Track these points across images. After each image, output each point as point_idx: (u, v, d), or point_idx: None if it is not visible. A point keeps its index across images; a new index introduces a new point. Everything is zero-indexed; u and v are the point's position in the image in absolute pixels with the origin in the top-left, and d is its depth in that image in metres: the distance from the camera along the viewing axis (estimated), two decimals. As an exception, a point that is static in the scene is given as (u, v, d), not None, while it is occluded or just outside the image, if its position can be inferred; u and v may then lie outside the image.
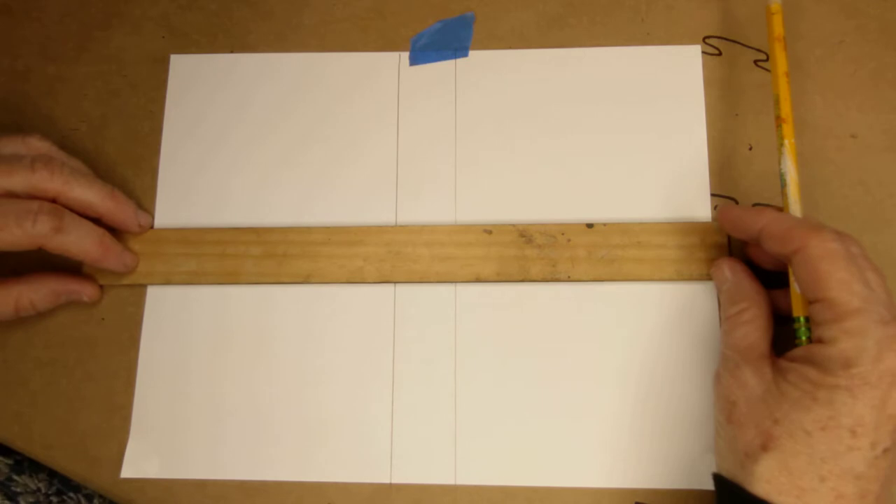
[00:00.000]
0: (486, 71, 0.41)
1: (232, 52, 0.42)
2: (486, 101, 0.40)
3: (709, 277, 0.36)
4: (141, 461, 0.36)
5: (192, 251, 0.38)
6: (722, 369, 0.32)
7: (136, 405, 0.37)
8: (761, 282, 0.33)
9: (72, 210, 0.35)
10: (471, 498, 0.35)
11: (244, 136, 0.40)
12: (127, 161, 0.41)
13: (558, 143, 0.39)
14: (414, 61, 0.41)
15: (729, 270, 0.34)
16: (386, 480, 0.36)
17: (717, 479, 0.30)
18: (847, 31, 0.40)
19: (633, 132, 0.39)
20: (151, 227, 0.39)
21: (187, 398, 0.37)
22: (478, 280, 0.37)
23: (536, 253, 0.37)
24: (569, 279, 0.37)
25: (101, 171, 0.40)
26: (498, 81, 0.41)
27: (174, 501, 0.36)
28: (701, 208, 0.38)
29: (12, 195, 0.33)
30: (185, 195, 0.40)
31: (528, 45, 0.41)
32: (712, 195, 0.38)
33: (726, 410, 0.30)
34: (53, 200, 0.34)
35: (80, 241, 0.35)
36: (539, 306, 0.37)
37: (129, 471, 0.36)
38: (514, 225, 0.38)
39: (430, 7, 0.42)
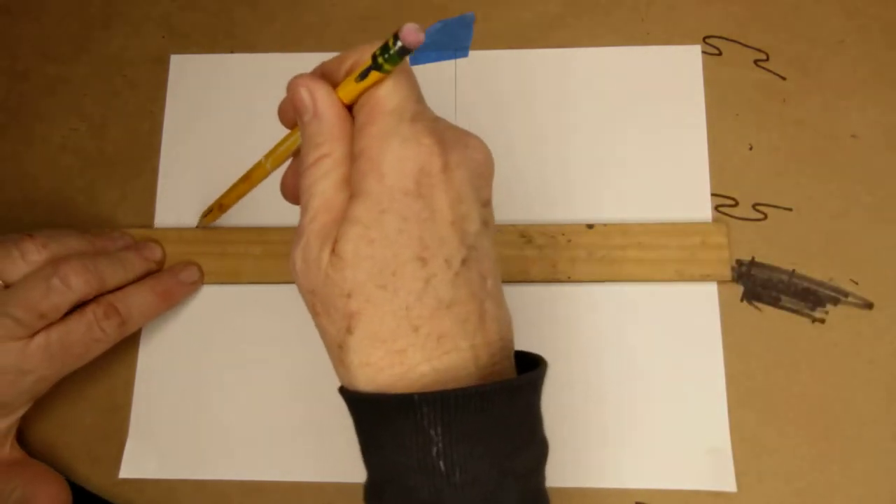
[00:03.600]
0: (486, 71, 0.40)
1: (232, 52, 0.42)
2: (486, 101, 0.40)
3: (710, 278, 0.36)
4: (140, 461, 0.36)
5: (192, 251, 0.38)
6: (293, 248, 0.24)
7: (136, 405, 0.37)
8: None
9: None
10: (471, 498, 0.35)
11: (244, 135, 0.40)
12: (127, 161, 0.41)
13: (558, 143, 0.39)
14: (414, 61, 0.41)
15: (308, 94, 0.24)
16: (386, 480, 0.35)
17: (342, 392, 0.25)
18: (847, 31, 0.40)
19: (633, 132, 0.39)
20: (162, 259, 0.38)
21: (187, 398, 0.37)
22: (478, 280, 0.37)
23: (536, 253, 0.37)
24: (569, 280, 0.37)
25: (101, 172, 0.40)
26: (498, 81, 0.40)
27: (174, 501, 0.36)
28: (701, 208, 0.38)
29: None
30: (185, 195, 0.40)
31: (528, 45, 0.41)
32: (712, 195, 0.38)
33: (309, 302, 0.24)
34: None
35: (143, 313, 0.35)
36: (539, 307, 0.37)
37: (127, 471, 0.36)
38: (514, 225, 0.38)
39: (430, 7, 0.42)
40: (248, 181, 0.32)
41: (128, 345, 0.37)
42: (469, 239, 0.23)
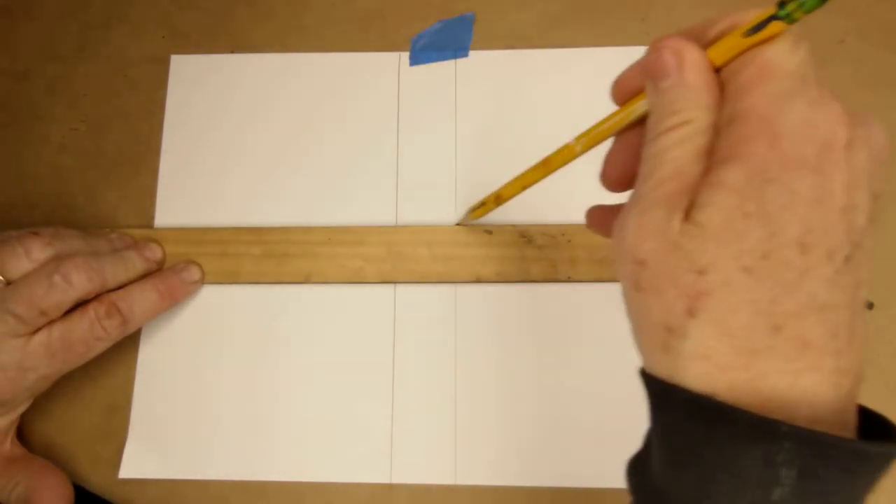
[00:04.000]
0: (486, 71, 0.40)
1: (232, 52, 0.42)
2: (486, 101, 0.40)
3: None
4: (139, 461, 0.36)
5: (192, 251, 0.38)
6: (625, 216, 0.21)
7: (136, 405, 0.37)
8: None
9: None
10: (471, 498, 0.35)
11: (244, 136, 0.40)
12: (127, 161, 0.41)
13: (559, 144, 0.39)
14: (414, 61, 0.41)
15: (674, 56, 0.21)
16: (386, 480, 0.35)
17: (643, 376, 0.22)
18: (847, 31, 0.40)
19: (634, 132, 0.39)
20: (163, 259, 0.38)
21: (186, 398, 0.37)
22: (478, 280, 0.37)
23: (537, 253, 0.37)
24: (569, 280, 0.37)
25: (101, 172, 0.40)
26: (498, 81, 0.40)
27: (174, 501, 0.36)
28: (701, 208, 0.38)
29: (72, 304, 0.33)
30: (185, 195, 0.40)
31: (528, 45, 0.41)
32: (712, 195, 0.38)
33: (633, 275, 0.21)
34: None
35: (145, 312, 0.35)
36: (539, 307, 0.37)
37: (127, 471, 0.36)
38: (514, 225, 0.38)
39: (430, 7, 0.42)
40: (546, 167, 0.29)
41: (128, 345, 0.37)
42: (855, 234, 0.19)
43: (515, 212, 0.38)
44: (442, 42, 0.41)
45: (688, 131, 0.20)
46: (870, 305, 0.36)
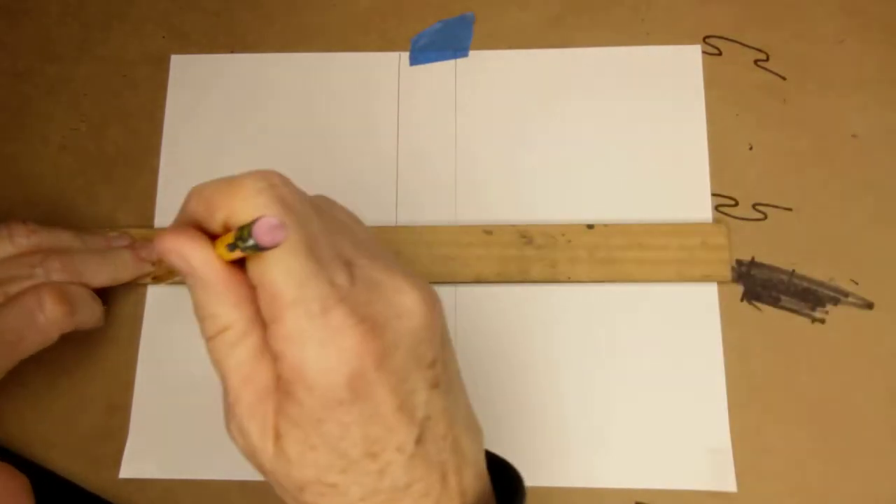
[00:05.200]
0: (486, 71, 0.40)
1: (232, 52, 0.42)
2: (486, 101, 0.40)
3: (710, 278, 0.36)
4: (140, 461, 0.36)
5: (192, 251, 0.38)
6: (227, 423, 0.22)
7: (136, 405, 0.37)
8: None
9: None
10: (471, 498, 0.35)
11: (244, 135, 0.40)
12: (127, 161, 0.41)
13: (558, 144, 0.39)
14: (414, 61, 0.41)
15: (182, 261, 0.21)
16: (386, 480, 0.35)
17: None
18: (848, 31, 0.40)
19: (634, 132, 0.39)
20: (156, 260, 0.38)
21: (187, 398, 0.37)
22: (478, 280, 0.37)
23: (536, 254, 0.37)
24: (569, 280, 0.37)
25: (101, 172, 0.40)
26: (498, 81, 0.40)
27: (174, 501, 0.36)
28: (701, 208, 0.38)
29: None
30: (185, 195, 0.40)
31: (528, 45, 0.41)
32: (712, 195, 0.38)
33: (260, 472, 0.22)
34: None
35: (94, 277, 0.34)
36: (539, 307, 0.37)
37: (127, 471, 0.36)
38: (514, 225, 0.38)
39: (430, 7, 0.42)
40: None
41: (128, 345, 0.38)
42: (419, 413, 0.21)
43: (515, 212, 0.38)
44: (442, 42, 0.41)
45: (232, 337, 0.21)
46: (869, 305, 0.36)
